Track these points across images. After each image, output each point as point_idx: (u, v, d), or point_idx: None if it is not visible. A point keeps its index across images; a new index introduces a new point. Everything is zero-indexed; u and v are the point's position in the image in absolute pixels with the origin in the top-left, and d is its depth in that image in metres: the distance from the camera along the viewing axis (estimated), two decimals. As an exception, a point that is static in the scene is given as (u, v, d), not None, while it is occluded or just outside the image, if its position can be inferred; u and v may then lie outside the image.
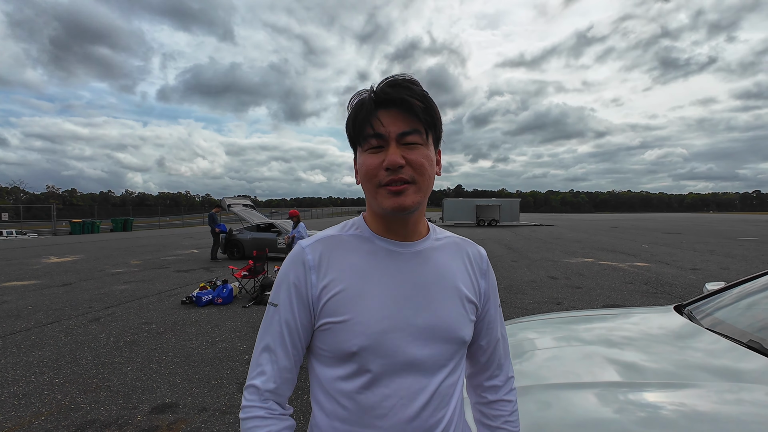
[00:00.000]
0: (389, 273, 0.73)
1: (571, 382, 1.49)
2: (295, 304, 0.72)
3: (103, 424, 2.71)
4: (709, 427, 1.10)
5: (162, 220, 38.99)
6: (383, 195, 0.69)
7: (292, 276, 0.73)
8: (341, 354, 0.69)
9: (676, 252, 12.72)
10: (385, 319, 0.70)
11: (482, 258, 0.83)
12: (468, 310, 0.77)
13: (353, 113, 0.72)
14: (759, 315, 1.82)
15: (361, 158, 0.72)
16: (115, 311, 5.79)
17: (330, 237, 0.77)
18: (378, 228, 0.77)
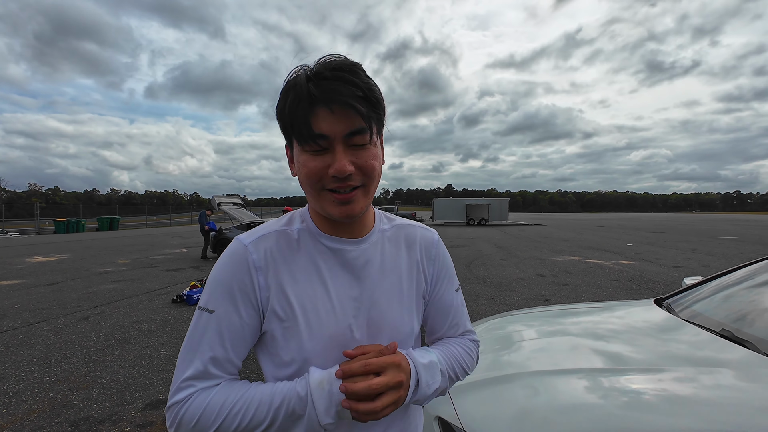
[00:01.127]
0: (337, 274, 0.70)
1: (557, 369, 1.58)
2: (240, 307, 0.64)
3: (97, 421, 2.71)
4: (687, 409, 1.18)
5: (149, 219, 38.39)
6: (329, 202, 0.64)
7: (234, 277, 0.65)
8: (289, 359, 0.66)
9: (659, 250, 13.05)
10: (332, 324, 0.67)
11: (432, 242, 0.81)
12: (413, 303, 0.76)
13: (288, 104, 0.61)
14: (731, 307, 1.94)
15: (300, 157, 0.63)
16: (104, 310, 5.74)
17: (275, 233, 0.70)
18: (323, 225, 0.72)
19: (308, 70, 0.61)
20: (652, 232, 22.77)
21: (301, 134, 0.60)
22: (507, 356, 1.82)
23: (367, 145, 0.62)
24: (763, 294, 1.96)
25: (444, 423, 1.45)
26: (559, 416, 1.26)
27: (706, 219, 47.35)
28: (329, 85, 0.58)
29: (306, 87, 0.59)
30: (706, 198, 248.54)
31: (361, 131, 0.60)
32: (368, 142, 0.62)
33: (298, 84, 0.60)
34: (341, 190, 0.62)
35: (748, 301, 1.94)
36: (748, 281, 2.12)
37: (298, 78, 0.61)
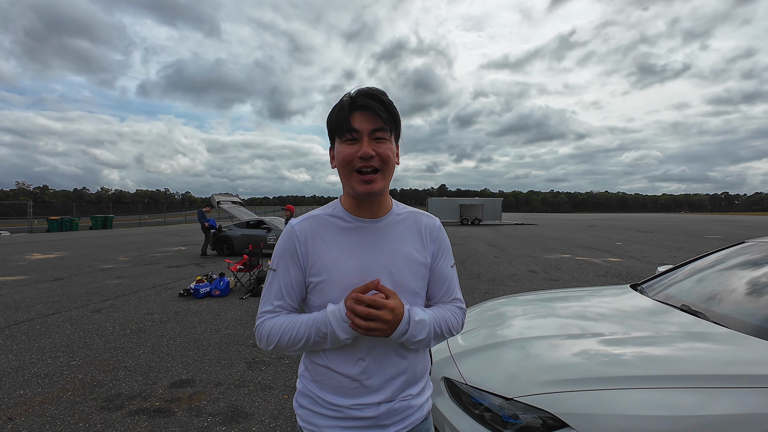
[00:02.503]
0: (358, 244, 0.95)
1: (544, 335, 1.88)
2: (290, 267, 0.95)
3: (128, 397, 2.96)
4: (657, 365, 1.47)
5: (142, 218, 38.21)
6: (356, 181, 0.90)
7: (286, 247, 0.95)
8: (326, 304, 0.93)
9: (647, 249, 13.50)
10: (354, 279, 0.92)
11: (434, 226, 1.04)
12: (418, 269, 0.98)
13: (335, 111, 0.92)
14: (690, 288, 2.27)
15: (338, 147, 0.91)
16: (114, 303, 5.95)
17: (313, 216, 0.99)
18: (351, 207, 0.97)
19: (350, 93, 0.92)
20: (641, 231, 23.32)
21: (341, 128, 0.90)
22: (501, 330, 2.11)
23: (386, 141, 0.91)
24: (715, 277, 2.29)
25: (450, 382, 1.75)
26: (545, 373, 1.55)
27: (694, 219, 48.38)
28: (363, 99, 0.89)
29: (347, 100, 0.91)
30: (695, 199, 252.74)
31: (382, 129, 0.90)
32: (387, 138, 0.91)
33: (343, 99, 0.92)
34: (365, 170, 0.89)
35: (704, 283, 2.27)
36: (707, 269, 2.45)
37: (342, 97, 0.93)
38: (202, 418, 2.67)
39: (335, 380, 0.94)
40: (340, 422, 0.94)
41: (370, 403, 0.93)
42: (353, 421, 0.93)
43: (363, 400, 0.93)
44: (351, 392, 0.93)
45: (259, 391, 3.09)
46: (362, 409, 0.93)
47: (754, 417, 1.22)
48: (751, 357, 1.46)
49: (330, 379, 0.95)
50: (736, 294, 2.03)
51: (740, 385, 1.31)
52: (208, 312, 5.49)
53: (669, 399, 1.31)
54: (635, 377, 1.41)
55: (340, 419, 0.94)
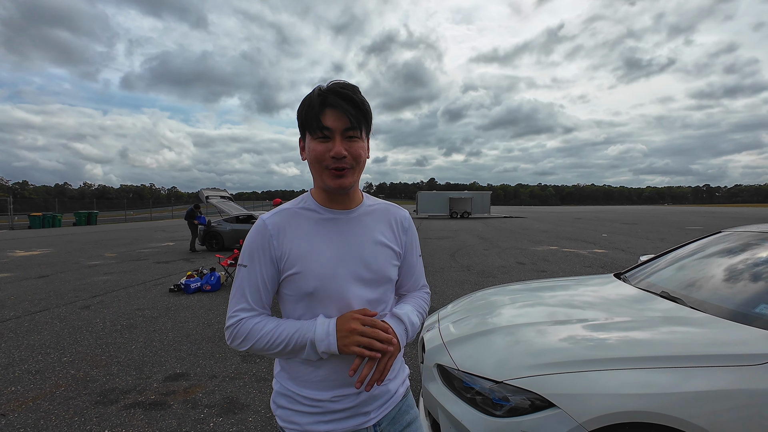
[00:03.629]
0: (331, 235, 0.96)
1: (532, 322, 1.96)
2: (263, 263, 0.92)
3: (122, 391, 2.97)
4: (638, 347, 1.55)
5: (128, 213, 37.50)
6: (328, 176, 0.91)
7: (257, 242, 0.93)
8: (301, 295, 0.93)
9: (631, 240, 13.83)
10: (330, 268, 0.92)
11: (404, 218, 1.08)
12: (391, 257, 1.01)
13: (306, 106, 0.90)
14: (669, 275, 2.38)
15: (310, 144, 0.91)
16: (103, 299, 5.89)
17: (284, 210, 0.97)
18: (323, 200, 0.98)
19: (321, 87, 0.91)
20: (626, 223, 23.83)
21: (312, 126, 0.89)
22: (491, 318, 2.19)
23: (357, 139, 0.91)
24: (694, 265, 2.40)
25: (442, 369, 1.81)
26: (533, 358, 1.62)
27: (676, 211, 49.56)
28: (335, 96, 0.88)
29: (318, 95, 0.89)
30: (678, 191, 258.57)
31: (353, 128, 0.89)
32: (358, 137, 0.91)
33: (313, 94, 0.90)
34: (337, 169, 0.90)
35: (683, 271, 2.38)
36: (686, 257, 2.56)
37: (313, 91, 0.91)
38: (198, 410, 2.70)
39: (313, 375, 0.94)
40: (322, 417, 0.94)
41: (349, 394, 0.95)
42: (334, 414, 0.94)
43: (341, 391, 0.94)
44: (330, 385, 0.94)
45: (254, 382, 3.13)
46: (341, 400, 0.94)
47: (726, 392, 1.31)
48: (725, 339, 1.55)
49: (308, 374, 0.94)
50: (713, 281, 2.13)
51: (714, 364, 1.40)
52: (200, 307, 5.48)
53: (650, 378, 1.39)
54: (618, 359, 1.49)
55: (322, 413, 0.94)
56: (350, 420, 0.95)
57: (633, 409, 1.33)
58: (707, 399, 1.32)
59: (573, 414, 1.36)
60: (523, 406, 1.47)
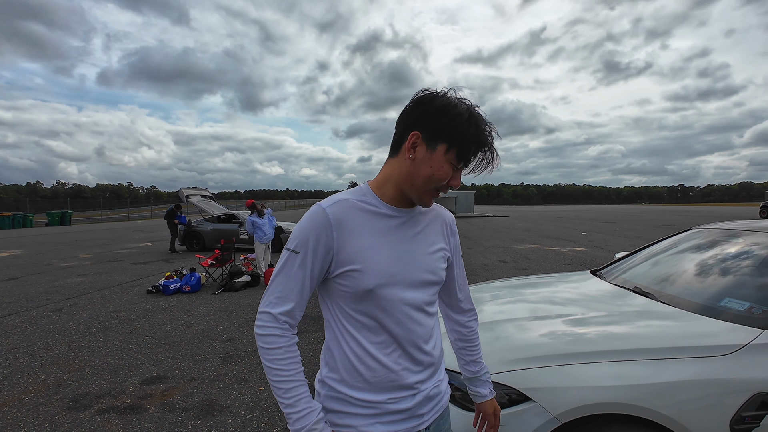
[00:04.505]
0: (392, 233, 0.92)
1: (512, 318, 1.98)
2: (316, 253, 0.86)
3: (96, 396, 2.88)
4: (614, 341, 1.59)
5: (104, 213, 36.35)
6: (430, 196, 0.91)
7: (316, 230, 0.86)
8: (360, 292, 0.87)
9: (609, 238, 14.21)
10: (390, 267, 0.89)
11: (452, 221, 1.09)
12: (444, 259, 1.01)
13: (466, 125, 0.84)
14: (641, 272, 2.45)
15: (440, 161, 0.86)
16: (77, 302, 5.69)
17: (344, 200, 0.91)
18: (391, 199, 0.93)
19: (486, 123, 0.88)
20: (605, 222, 24.47)
21: (463, 157, 0.86)
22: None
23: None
24: (665, 262, 2.48)
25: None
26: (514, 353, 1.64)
27: (653, 210, 51.14)
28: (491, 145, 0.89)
29: (487, 138, 0.87)
30: (655, 191, 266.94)
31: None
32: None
33: (484, 128, 0.86)
34: (441, 192, 0.91)
35: (655, 268, 2.45)
36: (658, 254, 2.64)
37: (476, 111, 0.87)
38: (176, 413, 2.64)
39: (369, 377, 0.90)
40: (379, 418, 0.90)
41: (406, 395, 0.92)
42: (392, 415, 0.91)
43: (398, 393, 0.91)
44: (386, 387, 0.90)
45: (234, 384, 3.08)
46: (399, 401, 0.91)
47: (693, 383, 1.36)
48: (694, 332, 1.60)
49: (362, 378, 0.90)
50: (683, 276, 2.21)
51: (683, 356, 1.44)
52: (179, 308, 5.36)
53: (623, 371, 1.43)
54: (594, 353, 1.52)
55: (379, 415, 0.90)
56: (406, 422, 0.92)
57: (606, 401, 1.36)
58: (676, 389, 1.37)
59: (548, 407, 1.38)
60: (501, 401, 1.48)
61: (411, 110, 0.89)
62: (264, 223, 7.29)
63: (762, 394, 1.34)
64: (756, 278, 1.87)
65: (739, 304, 1.72)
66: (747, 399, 1.33)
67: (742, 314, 1.65)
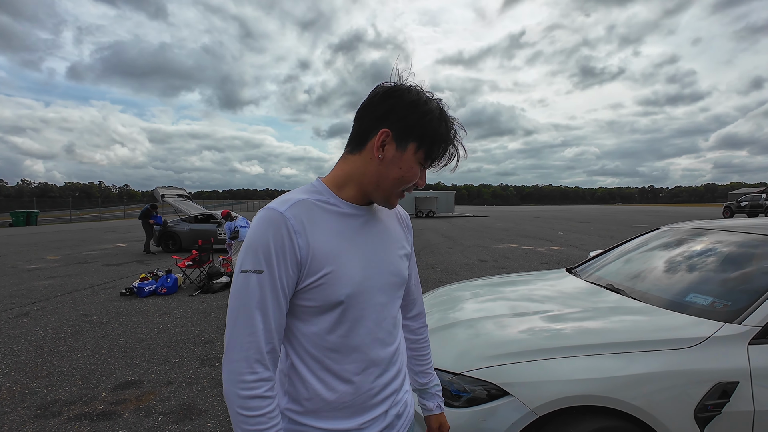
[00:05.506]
0: (356, 233, 0.83)
1: (492, 315, 2.03)
2: (284, 267, 0.73)
3: (66, 403, 2.77)
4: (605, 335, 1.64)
5: (74, 213, 34.86)
6: (397, 198, 0.84)
7: (277, 239, 0.73)
8: (329, 304, 0.77)
9: (584, 237, 14.64)
10: (361, 271, 0.80)
11: (407, 217, 1.04)
12: (407, 257, 0.96)
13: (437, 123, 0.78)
14: (614, 269, 2.55)
15: (409, 160, 0.79)
16: (44, 305, 5.45)
17: (301, 201, 0.78)
18: (349, 197, 0.84)
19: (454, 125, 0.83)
20: (580, 222, 25.20)
21: (432, 156, 0.81)
22: (453, 313, 2.24)
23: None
24: (634, 260, 2.59)
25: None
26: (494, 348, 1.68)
27: (625, 210, 52.96)
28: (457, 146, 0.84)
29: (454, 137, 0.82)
30: (627, 192, 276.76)
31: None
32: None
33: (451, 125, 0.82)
34: (406, 192, 0.85)
35: (627, 265, 2.56)
36: (630, 252, 2.75)
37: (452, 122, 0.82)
38: (152, 418, 2.57)
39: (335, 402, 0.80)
40: None
41: (376, 416, 0.84)
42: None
43: (368, 415, 0.83)
44: (356, 411, 0.82)
45: (213, 387, 3.02)
46: (369, 426, 0.83)
47: (662, 373, 1.43)
48: (661, 326, 1.68)
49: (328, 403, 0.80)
50: (652, 273, 2.31)
51: (651, 349, 1.51)
52: (155, 311, 5.21)
53: (597, 364, 1.49)
54: (569, 347, 1.58)
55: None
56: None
57: (580, 394, 1.41)
58: (645, 381, 1.43)
59: (525, 401, 1.42)
60: (480, 396, 1.52)
61: (379, 103, 0.79)
62: (240, 224, 7.57)
63: (723, 383, 1.42)
64: (718, 274, 1.98)
65: (703, 299, 1.82)
66: (710, 388, 1.41)
67: (705, 308, 1.74)
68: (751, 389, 1.42)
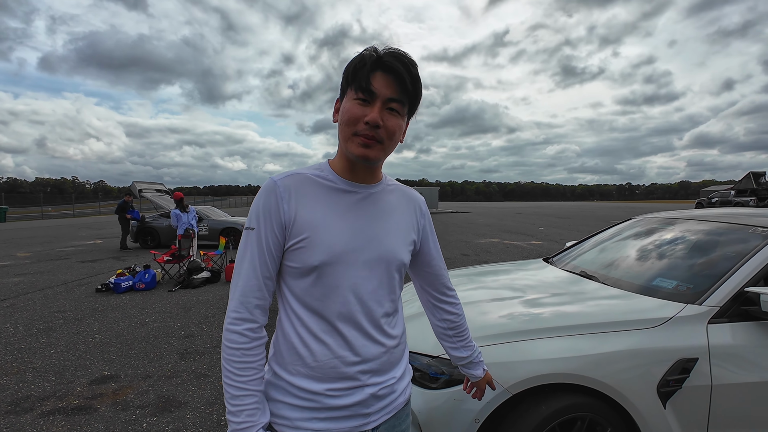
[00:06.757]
0: (346, 208, 0.86)
1: (471, 301, 2.07)
2: (269, 226, 0.82)
3: (39, 398, 2.69)
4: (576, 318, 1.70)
5: (45, 210, 33.51)
6: (355, 143, 0.82)
7: (266, 204, 0.83)
8: (307, 267, 0.82)
9: (564, 232, 15.01)
10: (341, 242, 0.83)
11: (422, 201, 1.03)
12: (407, 241, 0.94)
13: (356, 62, 0.81)
14: (587, 257, 2.64)
15: (347, 104, 0.82)
16: (14, 302, 5.26)
17: (298, 174, 0.87)
18: (342, 170, 0.89)
19: (378, 48, 0.83)
20: (560, 218, 25.78)
21: (358, 85, 0.80)
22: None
23: (397, 115, 0.83)
24: (608, 249, 2.68)
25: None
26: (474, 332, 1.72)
27: (604, 207, 54.43)
28: (392, 61, 0.80)
29: (373, 56, 0.81)
30: (605, 189, 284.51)
31: (399, 101, 0.82)
32: (400, 112, 0.83)
33: (368, 53, 0.82)
34: (367, 137, 0.81)
35: (598, 254, 2.65)
36: (603, 242, 2.85)
37: (367, 50, 0.83)
38: (129, 412, 2.53)
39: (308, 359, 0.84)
40: (316, 413, 0.83)
41: (346, 388, 0.85)
42: (331, 411, 0.84)
43: (337, 384, 0.84)
44: (325, 375, 0.84)
45: (193, 380, 2.98)
46: (338, 396, 0.84)
47: (628, 352, 1.51)
48: (630, 309, 1.75)
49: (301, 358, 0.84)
50: (624, 261, 2.40)
51: (620, 329, 1.58)
52: (132, 306, 5.09)
53: (568, 344, 1.55)
54: (543, 329, 1.63)
55: (316, 409, 0.83)
56: (348, 420, 0.85)
57: (551, 372, 1.47)
58: (612, 360, 1.50)
59: (500, 380, 1.47)
60: (458, 378, 1.56)
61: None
62: (185, 222, 7.62)
63: (683, 360, 1.50)
64: (685, 260, 2.08)
65: (669, 282, 1.91)
66: (671, 365, 1.49)
67: (670, 291, 1.83)
68: (709, 365, 1.51)
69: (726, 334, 1.57)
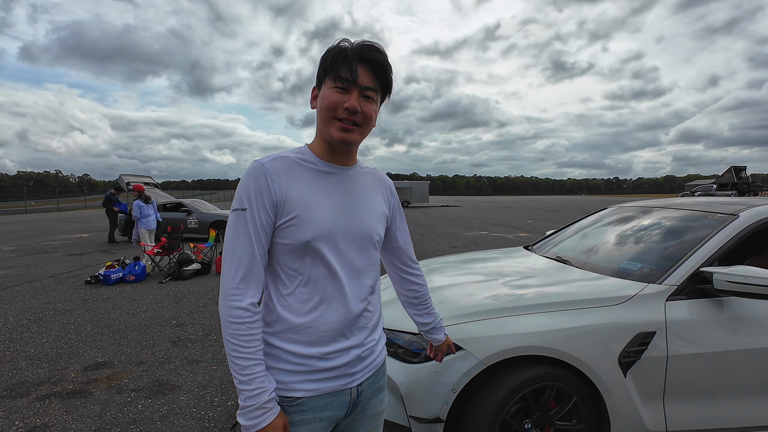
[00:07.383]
0: (330, 188, 0.95)
1: (454, 283, 2.19)
2: (261, 206, 0.88)
3: (33, 384, 2.75)
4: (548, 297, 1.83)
5: (28, 204, 32.78)
6: (336, 127, 0.91)
7: (256, 185, 0.88)
8: (298, 245, 0.89)
9: (552, 225, 15.29)
10: (329, 220, 0.92)
11: (390, 183, 1.13)
12: (383, 218, 1.05)
13: (335, 54, 0.90)
14: (564, 244, 2.78)
15: (327, 92, 0.91)
16: (2, 295, 5.24)
17: (283, 157, 0.94)
18: (322, 152, 0.97)
19: (350, 41, 0.92)
20: (549, 211, 26.19)
21: (337, 74, 0.89)
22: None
23: (372, 101, 0.93)
24: (586, 237, 2.83)
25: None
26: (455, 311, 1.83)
27: (592, 201, 55.30)
28: (371, 53, 0.90)
29: (353, 47, 0.90)
30: (593, 183, 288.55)
31: (374, 89, 0.92)
32: (374, 99, 0.93)
33: (345, 46, 0.91)
34: (346, 122, 0.90)
35: (574, 240, 2.79)
36: (582, 230, 2.99)
37: (343, 41, 0.92)
38: (124, 395, 2.61)
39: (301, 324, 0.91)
40: (308, 375, 0.91)
41: (337, 350, 0.93)
42: (321, 372, 0.92)
43: (329, 347, 0.92)
44: (319, 339, 0.91)
45: (185, 365, 3.07)
46: (330, 358, 0.92)
47: (594, 326, 1.65)
48: (600, 289, 1.89)
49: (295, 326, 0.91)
50: (598, 247, 2.54)
51: (588, 306, 1.72)
52: (123, 297, 5.13)
53: (548, 320, 1.68)
54: (517, 307, 1.76)
55: (308, 372, 0.91)
56: (336, 380, 0.94)
57: (522, 345, 1.60)
58: (580, 334, 1.63)
59: (476, 353, 1.59)
60: (438, 352, 1.68)
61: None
62: (149, 213, 7.77)
63: (642, 333, 1.64)
64: (650, 245, 2.22)
65: (634, 265, 2.05)
66: (631, 338, 1.63)
67: (635, 272, 1.97)
68: (666, 338, 1.65)
69: (682, 310, 1.71)
